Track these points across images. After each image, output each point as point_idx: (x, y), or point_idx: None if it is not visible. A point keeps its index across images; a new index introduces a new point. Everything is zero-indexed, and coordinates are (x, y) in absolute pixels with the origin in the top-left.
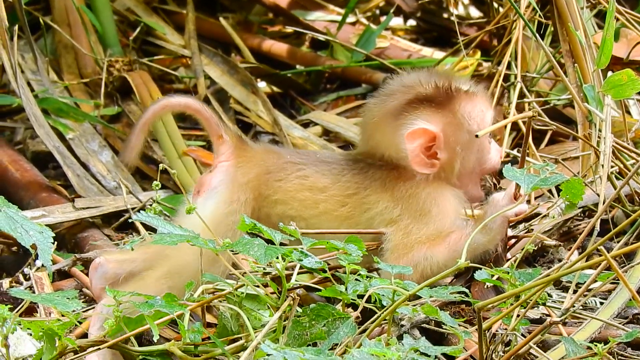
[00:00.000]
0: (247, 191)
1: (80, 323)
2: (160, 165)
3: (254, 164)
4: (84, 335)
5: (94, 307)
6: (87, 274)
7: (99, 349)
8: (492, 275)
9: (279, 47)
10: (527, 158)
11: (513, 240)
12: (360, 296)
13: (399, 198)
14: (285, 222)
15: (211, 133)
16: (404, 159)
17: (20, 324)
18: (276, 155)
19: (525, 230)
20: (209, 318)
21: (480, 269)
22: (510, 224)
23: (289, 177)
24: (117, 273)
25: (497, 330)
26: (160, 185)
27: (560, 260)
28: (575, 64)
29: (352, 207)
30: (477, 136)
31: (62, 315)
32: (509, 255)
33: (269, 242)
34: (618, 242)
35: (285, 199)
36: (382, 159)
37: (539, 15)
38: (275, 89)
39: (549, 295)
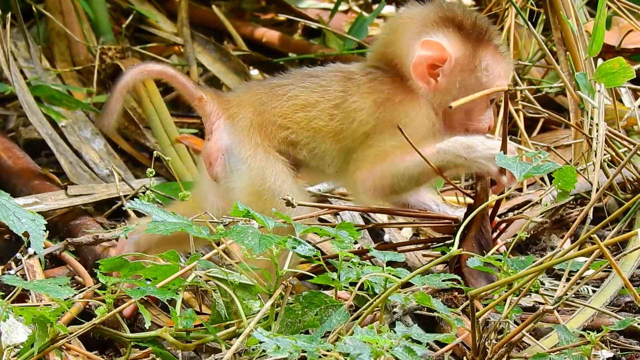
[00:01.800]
0: (255, 134)
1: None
2: (155, 152)
3: (245, 106)
4: (74, 321)
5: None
6: (78, 260)
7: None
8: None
9: (272, 35)
10: (519, 146)
11: (503, 225)
12: (353, 284)
13: (378, 104)
14: (291, 150)
15: (190, 98)
16: (407, 65)
17: (12, 311)
18: (262, 85)
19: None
20: (202, 309)
21: (473, 256)
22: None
23: (282, 100)
24: (149, 241)
25: (489, 318)
26: (154, 173)
27: (552, 248)
28: (567, 52)
29: (341, 119)
30: (450, 107)
31: (53, 301)
32: (499, 241)
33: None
34: (611, 230)
35: (285, 123)
36: (387, 63)
37: (531, 3)
38: (267, 76)
39: (542, 283)
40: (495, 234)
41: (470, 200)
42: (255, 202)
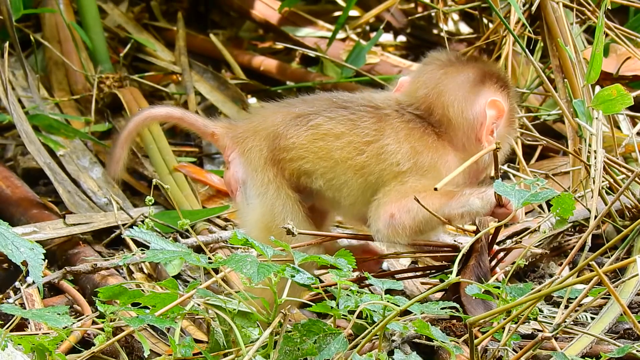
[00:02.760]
0: (268, 169)
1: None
2: (154, 180)
3: (260, 138)
4: (73, 350)
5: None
6: (77, 289)
7: None
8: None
9: (269, 63)
10: (517, 173)
11: (501, 254)
12: (352, 312)
13: (417, 152)
14: (304, 179)
15: (203, 135)
16: (463, 119)
17: (11, 340)
18: (281, 113)
19: (514, 244)
20: (200, 335)
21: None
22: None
23: (300, 130)
24: None
25: (488, 346)
26: (153, 201)
27: (551, 276)
28: (565, 79)
29: (370, 156)
30: (435, 189)
31: (51, 330)
32: (498, 269)
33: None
34: (609, 257)
35: (300, 154)
36: (427, 111)
37: (529, 31)
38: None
39: (540, 310)
40: (493, 263)
41: (469, 228)
42: (265, 238)
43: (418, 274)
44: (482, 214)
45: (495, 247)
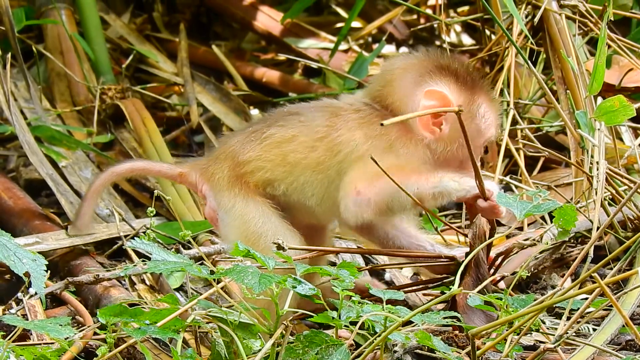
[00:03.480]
0: (233, 185)
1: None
2: (155, 192)
3: (221, 162)
4: None
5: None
6: (79, 300)
7: None
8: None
9: (272, 75)
10: (519, 185)
11: (500, 259)
12: (353, 322)
13: (371, 136)
14: (269, 189)
15: (172, 178)
16: (405, 110)
17: (13, 351)
18: (238, 134)
19: (516, 251)
20: (202, 348)
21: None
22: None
23: (255, 143)
24: None
25: (490, 357)
26: (154, 212)
27: (553, 287)
28: (568, 91)
29: (323, 151)
30: (382, 124)
31: (54, 341)
32: (502, 284)
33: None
34: (611, 268)
35: (259, 165)
36: (381, 104)
37: (531, 43)
38: None
39: (542, 321)
40: (491, 270)
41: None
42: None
43: (420, 286)
44: (457, 197)
45: (492, 255)
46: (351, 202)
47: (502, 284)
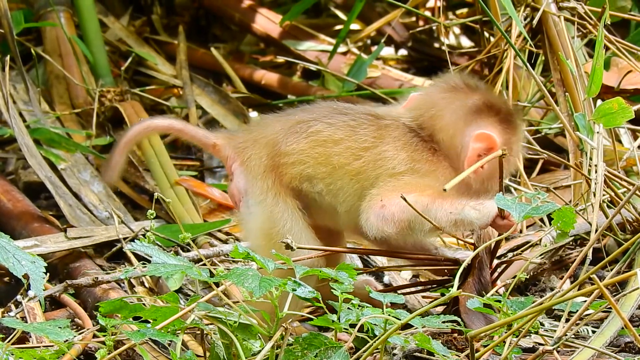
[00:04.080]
0: (267, 177)
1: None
2: (155, 194)
3: (259, 147)
4: None
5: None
6: (78, 302)
7: None
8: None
9: (271, 77)
10: (518, 187)
11: (502, 267)
12: (353, 325)
13: (414, 160)
14: (305, 184)
15: (205, 147)
16: (454, 148)
17: (12, 354)
18: (280, 121)
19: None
20: (201, 351)
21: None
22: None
23: (300, 137)
24: None
25: (489, 359)
26: (154, 215)
27: (552, 289)
28: (566, 93)
29: (366, 162)
30: (445, 190)
31: (53, 343)
32: (498, 282)
33: None
34: (610, 270)
35: (301, 159)
36: (424, 130)
37: (530, 45)
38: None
39: (541, 323)
40: (494, 276)
41: (469, 240)
42: (266, 245)
43: (419, 288)
44: (478, 226)
45: (495, 261)
46: (374, 215)
47: (501, 290)
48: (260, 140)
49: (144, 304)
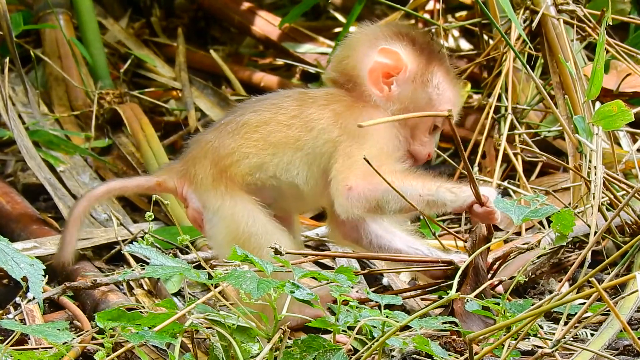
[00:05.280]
0: (218, 184)
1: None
2: (153, 196)
3: (201, 160)
4: None
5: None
6: (77, 305)
7: None
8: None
9: (270, 79)
10: (517, 189)
11: (497, 264)
12: (351, 327)
13: (338, 113)
14: (258, 174)
15: (150, 191)
16: (362, 71)
17: (11, 356)
18: (210, 131)
19: (514, 256)
20: (200, 355)
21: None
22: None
23: (234, 133)
24: None
25: None
26: (153, 217)
27: (551, 292)
28: (566, 96)
29: (298, 127)
30: (360, 126)
31: (51, 345)
32: (500, 288)
33: None
34: (609, 273)
35: (244, 152)
36: (344, 77)
37: (529, 47)
38: None
39: (540, 326)
40: (489, 275)
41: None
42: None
43: (418, 292)
44: (452, 208)
45: (489, 260)
46: (344, 197)
47: (499, 289)
48: (199, 155)
49: (141, 312)
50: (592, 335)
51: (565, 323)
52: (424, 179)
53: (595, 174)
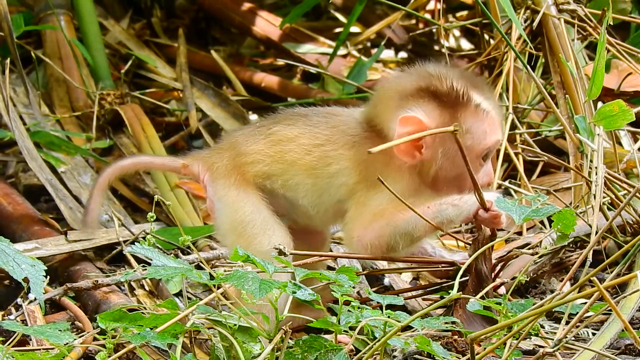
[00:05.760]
0: (230, 175)
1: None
2: (155, 197)
3: (223, 152)
4: None
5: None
6: (78, 305)
7: None
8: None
9: (271, 80)
10: (518, 189)
11: (500, 265)
12: (353, 327)
13: (359, 161)
14: (266, 182)
15: (176, 171)
16: (389, 135)
17: (12, 357)
18: (243, 129)
19: (515, 256)
20: (202, 355)
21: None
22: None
23: (259, 138)
24: None
25: None
26: (154, 217)
27: (552, 291)
28: (567, 95)
29: (317, 157)
30: (369, 152)
31: (53, 346)
32: (502, 289)
33: None
34: (610, 272)
35: (259, 158)
36: (373, 128)
37: (530, 47)
38: None
39: (542, 326)
40: (492, 275)
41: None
42: (237, 238)
43: (419, 292)
44: (459, 221)
45: (493, 261)
46: (354, 246)
47: (502, 290)
48: (223, 147)
49: (143, 313)
50: (593, 334)
51: (567, 322)
52: (426, 204)
53: (596, 174)
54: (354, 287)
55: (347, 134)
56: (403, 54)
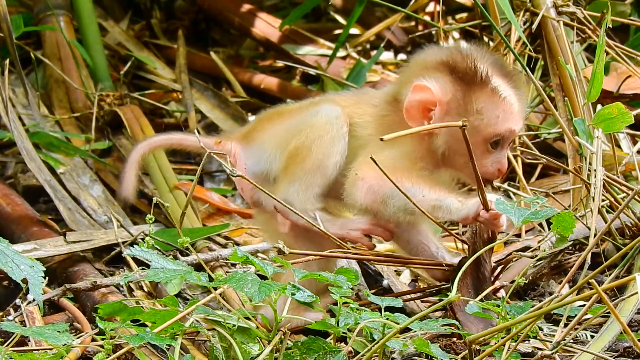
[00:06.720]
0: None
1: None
2: (154, 198)
3: (260, 122)
4: None
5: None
6: (77, 306)
7: None
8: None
9: (270, 81)
10: (517, 191)
11: (500, 268)
12: (351, 329)
13: (378, 116)
14: None
15: (209, 146)
16: (402, 104)
17: (11, 357)
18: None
19: (515, 259)
20: (200, 357)
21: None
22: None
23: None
24: None
25: None
26: (153, 219)
27: (551, 294)
28: (566, 98)
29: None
30: (381, 139)
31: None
32: (502, 292)
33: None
34: (609, 275)
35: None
36: (393, 102)
37: (529, 49)
38: None
39: (540, 328)
40: (492, 275)
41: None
42: (292, 161)
43: (418, 294)
44: (457, 217)
45: (493, 264)
46: (352, 186)
47: (501, 293)
48: (262, 120)
49: (142, 308)
50: (592, 337)
51: (565, 325)
52: (436, 186)
53: (595, 176)
54: (352, 289)
55: (371, 101)
56: (402, 56)
